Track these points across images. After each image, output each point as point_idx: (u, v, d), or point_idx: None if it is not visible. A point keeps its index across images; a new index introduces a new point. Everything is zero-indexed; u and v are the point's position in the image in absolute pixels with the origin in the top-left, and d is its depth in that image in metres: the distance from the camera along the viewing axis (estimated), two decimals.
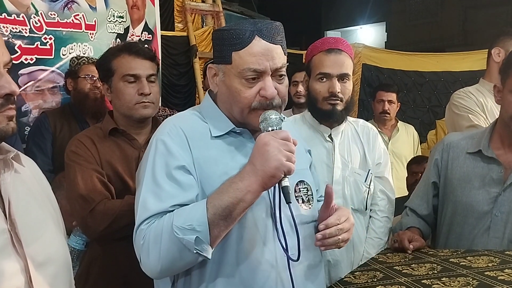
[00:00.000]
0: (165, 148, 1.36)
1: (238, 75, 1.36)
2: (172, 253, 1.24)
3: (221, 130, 1.42)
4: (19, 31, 3.23)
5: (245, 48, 1.35)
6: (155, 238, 1.25)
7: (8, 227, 1.09)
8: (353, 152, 2.15)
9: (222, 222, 1.24)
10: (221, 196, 1.25)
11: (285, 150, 1.23)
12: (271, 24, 1.38)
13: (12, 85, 1.10)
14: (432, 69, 5.93)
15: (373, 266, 1.66)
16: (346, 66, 2.06)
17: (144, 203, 1.32)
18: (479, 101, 2.65)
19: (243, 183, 1.24)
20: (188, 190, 1.32)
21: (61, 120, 3.07)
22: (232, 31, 1.37)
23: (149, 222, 1.29)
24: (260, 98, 1.36)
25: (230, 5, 7.27)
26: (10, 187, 1.13)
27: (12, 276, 1.06)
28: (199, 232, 1.22)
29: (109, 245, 1.91)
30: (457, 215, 1.94)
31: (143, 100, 1.96)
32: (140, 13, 4.32)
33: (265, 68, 1.35)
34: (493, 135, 1.95)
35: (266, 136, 1.26)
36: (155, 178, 1.34)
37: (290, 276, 1.34)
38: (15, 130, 1.13)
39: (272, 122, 1.31)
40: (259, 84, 1.36)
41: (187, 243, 1.21)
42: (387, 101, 4.17)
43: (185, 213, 1.26)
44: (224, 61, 1.39)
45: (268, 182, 1.24)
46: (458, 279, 1.46)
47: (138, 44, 2.07)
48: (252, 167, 1.24)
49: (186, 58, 5.48)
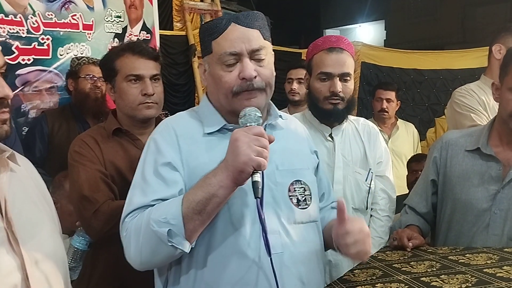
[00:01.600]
0: (155, 146, 1.43)
1: (218, 61, 1.40)
2: (149, 246, 1.29)
3: (213, 127, 1.45)
4: (16, 31, 3.22)
5: (222, 35, 1.40)
6: (136, 231, 1.31)
7: (4, 226, 1.10)
8: (353, 151, 2.14)
9: (196, 217, 1.27)
10: (195, 191, 1.28)
11: (256, 146, 1.23)
12: (249, 12, 1.44)
13: (5, 89, 1.12)
14: (431, 67, 5.93)
15: (372, 264, 1.66)
16: (347, 65, 2.04)
17: (130, 198, 1.40)
18: (481, 99, 2.64)
19: (216, 178, 1.26)
20: (171, 186, 1.36)
21: (60, 120, 3.08)
22: (210, 22, 1.45)
23: (132, 215, 1.35)
24: (240, 81, 1.38)
25: (229, 4, 7.29)
26: (6, 186, 1.14)
27: (9, 274, 1.08)
28: (173, 225, 1.26)
29: (113, 245, 1.88)
30: (456, 212, 1.94)
31: (146, 101, 1.95)
32: (138, 12, 4.32)
33: (240, 50, 1.38)
34: (492, 133, 1.95)
35: (238, 132, 1.27)
36: (143, 175, 1.40)
37: (274, 274, 1.31)
38: (9, 133, 1.15)
39: (250, 119, 1.32)
40: (238, 67, 1.39)
41: (161, 235, 1.26)
42: (386, 100, 4.17)
43: (162, 207, 1.30)
44: (207, 52, 1.44)
45: (239, 177, 1.25)
46: (457, 276, 1.45)
47: (141, 44, 2.06)
48: (225, 163, 1.27)
49: (185, 57, 5.48)
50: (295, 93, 3.61)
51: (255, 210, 1.34)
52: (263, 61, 1.42)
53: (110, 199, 1.85)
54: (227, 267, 1.35)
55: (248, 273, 1.35)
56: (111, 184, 1.89)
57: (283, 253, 1.37)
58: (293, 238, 1.41)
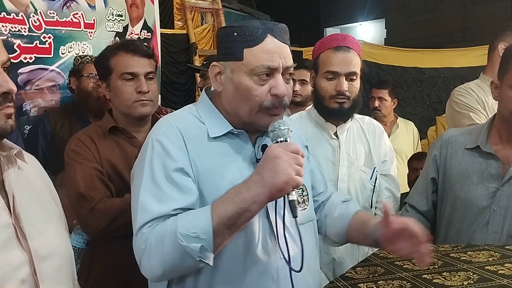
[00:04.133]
0: (162, 148, 1.34)
1: (249, 72, 1.34)
2: (174, 259, 1.23)
3: (219, 131, 1.40)
4: (18, 30, 3.23)
5: (259, 45, 1.33)
6: (158, 243, 1.24)
7: (12, 221, 1.12)
8: (358, 150, 2.14)
9: (226, 231, 1.23)
10: (226, 205, 1.23)
11: (295, 164, 1.22)
12: (280, 25, 1.38)
13: (9, 84, 1.12)
14: (431, 65, 5.91)
15: (374, 262, 1.67)
16: (354, 64, 2.04)
17: (144, 205, 1.30)
18: (480, 98, 2.64)
19: (249, 193, 1.22)
20: (187, 193, 1.31)
21: (62, 118, 3.08)
22: (244, 28, 1.34)
23: (151, 225, 1.27)
24: (271, 97, 1.34)
25: (230, 3, 7.28)
26: (14, 182, 1.16)
27: (17, 269, 1.09)
28: (203, 240, 1.21)
29: (110, 243, 1.91)
30: (456, 210, 1.95)
31: (141, 98, 1.95)
32: (139, 11, 4.32)
33: (278, 65, 1.34)
34: (491, 131, 1.95)
35: (277, 149, 1.24)
36: (154, 180, 1.32)
37: (291, 279, 1.33)
38: (14, 128, 1.15)
39: (282, 133, 1.30)
40: (270, 82, 1.34)
41: (191, 251, 1.21)
42: (377, 98, 4.19)
43: (189, 219, 1.24)
44: (234, 58, 1.35)
45: (276, 195, 1.23)
46: (459, 274, 1.46)
47: (135, 42, 2.06)
48: (260, 178, 1.22)
49: (186, 56, 5.48)
50: (297, 94, 3.60)
51: (268, 221, 1.38)
52: (290, 78, 1.39)
53: (107, 196, 1.85)
54: (236, 268, 1.35)
55: (260, 275, 1.36)
56: (108, 182, 1.89)
57: (296, 264, 1.35)
58: (295, 240, 1.40)
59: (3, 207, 1.12)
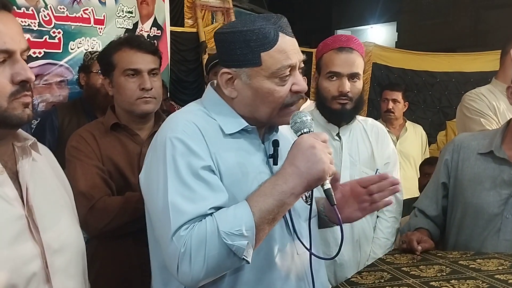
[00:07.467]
0: (185, 147, 1.28)
1: (270, 75, 1.31)
2: (217, 260, 1.19)
3: (234, 128, 1.37)
4: (28, 24, 3.23)
5: (275, 47, 1.31)
6: (198, 245, 1.18)
7: (25, 213, 1.11)
8: (360, 151, 2.13)
9: (266, 226, 1.22)
10: (265, 199, 1.21)
11: (328, 153, 1.23)
12: (284, 18, 1.36)
13: (27, 72, 1.10)
14: (443, 69, 5.88)
15: (380, 267, 1.64)
16: (357, 65, 2.03)
17: (176, 206, 1.22)
18: (491, 103, 2.61)
19: (287, 185, 1.22)
20: (218, 191, 1.27)
21: (70, 114, 3.08)
22: (256, 31, 1.30)
23: (188, 227, 1.21)
24: (292, 94, 1.35)
25: (241, 2, 7.27)
26: (28, 174, 1.15)
27: (29, 261, 1.08)
28: (248, 237, 1.19)
29: (110, 242, 1.89)
30: (467, 216, 1.91)
31: (144, 95, 1.91)
32: (149, 8, 4.32)
33: (296, 62, 1.33)
34: (506, 136, 1.92)
35: (310, 138, 1.24)
36: (182, 180, 1.25)
37: (312, 274, 1.37)
38: (31, 118, 1.13)
39: (307, 124, 1.30)
40: (290, 80, 1.34)
41: (237, 249, 1.18)
42: (391, 100, 4.18)
43: (230, 217, 1.20)
44: (250, 64, 1.32)
45: (313, 185, 1.24)
46: (468, 282, 1.43)
47: (139, 38, 2.03)
48: (295, 169, 1.22)
49: (195, 55, 5.48)
50: None
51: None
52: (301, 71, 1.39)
53: (107, 195, 1.83)
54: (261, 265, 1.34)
55: (280, 271, 1.36)
56: (108, 180, 1.86)
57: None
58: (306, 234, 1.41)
59: (16, 199, 1.11)
